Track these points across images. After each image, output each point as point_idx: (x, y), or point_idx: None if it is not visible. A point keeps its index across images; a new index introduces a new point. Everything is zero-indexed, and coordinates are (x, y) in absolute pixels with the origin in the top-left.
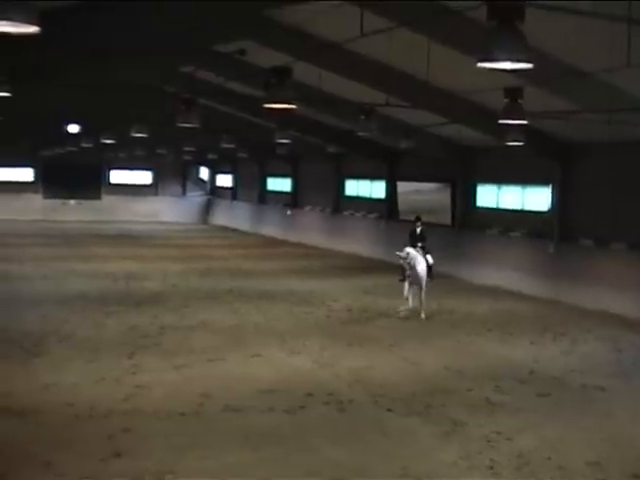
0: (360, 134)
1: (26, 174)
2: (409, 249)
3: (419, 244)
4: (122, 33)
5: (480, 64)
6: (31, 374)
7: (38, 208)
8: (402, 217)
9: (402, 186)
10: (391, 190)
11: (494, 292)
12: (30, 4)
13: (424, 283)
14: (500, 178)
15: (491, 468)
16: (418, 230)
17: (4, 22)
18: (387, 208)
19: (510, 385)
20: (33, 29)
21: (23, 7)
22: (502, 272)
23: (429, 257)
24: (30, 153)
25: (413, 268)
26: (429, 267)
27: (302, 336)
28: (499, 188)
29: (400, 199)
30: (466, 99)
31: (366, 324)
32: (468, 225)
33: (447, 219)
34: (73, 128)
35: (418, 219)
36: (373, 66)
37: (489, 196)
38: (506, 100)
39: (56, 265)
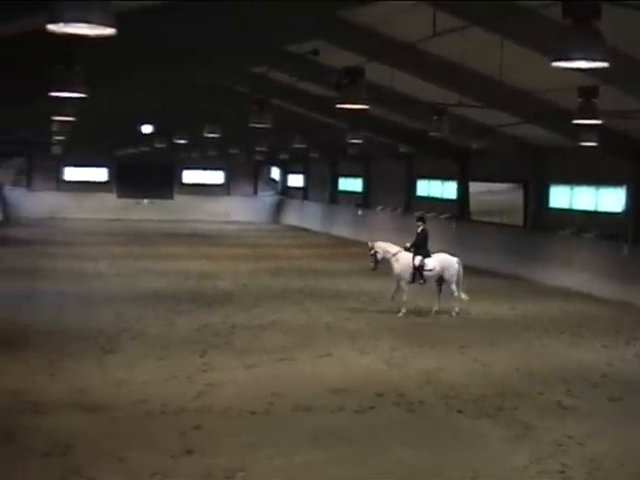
0: (432, 134)
1: (101, 174)
2: (379, 242)
3: (407, 244)
4: (196, 34)
5: (555, 63)
6: (105, 370)
7: (112, 207)
8: (474, 218)
9: (474, 186)
10: (463, 190)
11: (566, 294)
12: (107, 6)
13: (402, 282)
14: (573, 178)
15: (562, 473)
16: (418, 230)
17: (82, 24)
18: (459, 208)
19: (582, 389)
20: (110, 31)
21: (100, 9)
22: (574, 274)
23: (425, 260)
24: (105, 153)
25: (388, 263)
26: (417, 268)
27: (372, 336)
28: (572, 189)
29: (472, 199)
30: (539, 98)
31: (437, 325)
32: (540, 226)
33: (519, 220)
34: (147, 129)
35: (419, 219)
36: (446, 66)
37: (562, 197)
38: (580, 99)
39: (129, 263)
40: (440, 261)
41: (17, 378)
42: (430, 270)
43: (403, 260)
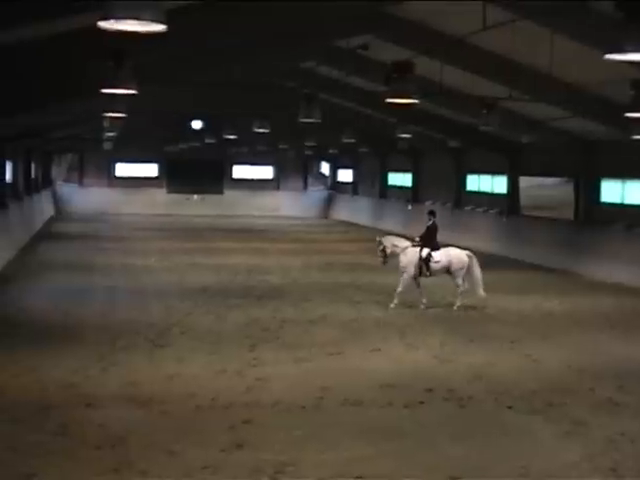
0: (482, 128)
1: (151, 169)
2: (387, 237)
3: (416, 238)
4: (245, 30)
5: (608, 56)
6: (155, 364)
7: (162, 203)
8: (524, 212)
9: (524, 181)
10: (513, 185)
11: (617, 289)
12: (158, 3)
13: (404, 275)
14: (625, 172)
15: (614, 470)
16: (428, 224)
17: (133, 21)
18: (509, 203)
19: (634, 385)
20: (160, 28)
21: (151, 6)
22: (625, 268)
23: (433, 253)
24: (155, 149)
25: (397, 257)
26: (423, 260)
27: (422, 331)
28: (623, 183)
29: (522, 194)
30: (590, 92)
31: (487, 320)
32: (591, 220)
33: (569, 214)
34: (197, 124)
35: (430, 212)
36: (496, 59)
37: (613, 191)
38: (632, 92)
39: (179, 258)
40: (448, 254)
41: (70, 371)
42: (437, 262)
43: (410, 254)
